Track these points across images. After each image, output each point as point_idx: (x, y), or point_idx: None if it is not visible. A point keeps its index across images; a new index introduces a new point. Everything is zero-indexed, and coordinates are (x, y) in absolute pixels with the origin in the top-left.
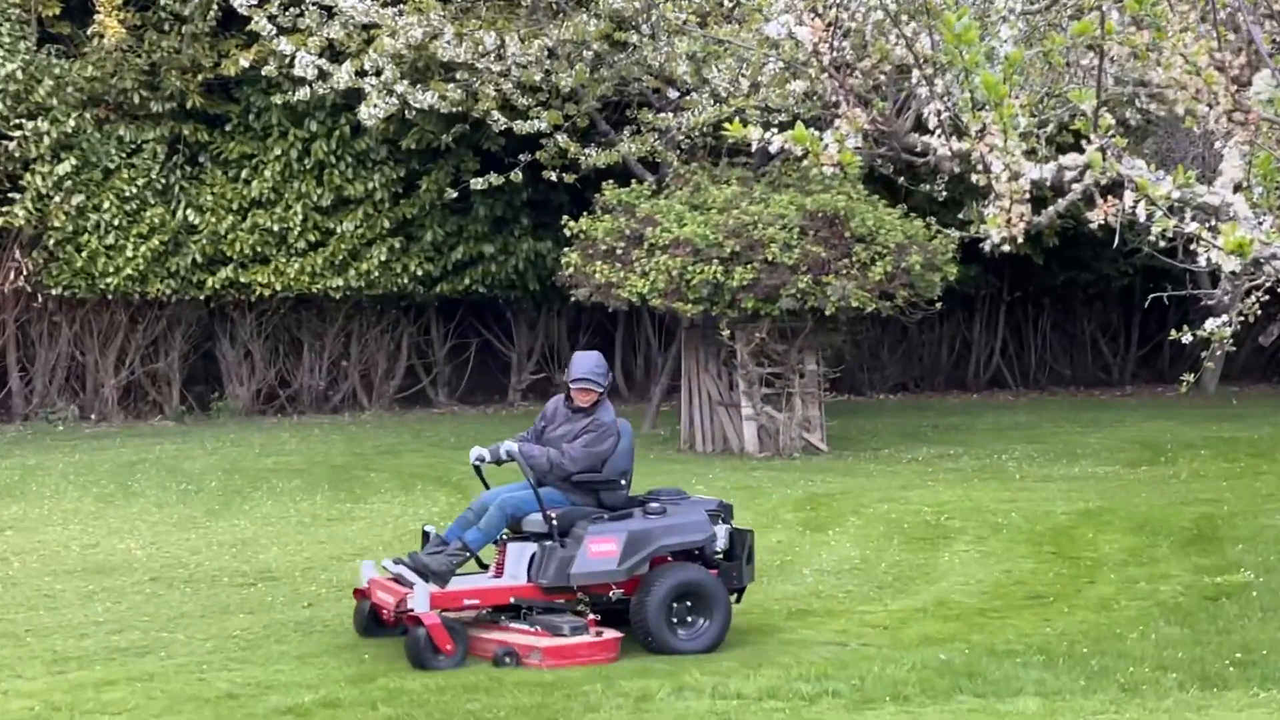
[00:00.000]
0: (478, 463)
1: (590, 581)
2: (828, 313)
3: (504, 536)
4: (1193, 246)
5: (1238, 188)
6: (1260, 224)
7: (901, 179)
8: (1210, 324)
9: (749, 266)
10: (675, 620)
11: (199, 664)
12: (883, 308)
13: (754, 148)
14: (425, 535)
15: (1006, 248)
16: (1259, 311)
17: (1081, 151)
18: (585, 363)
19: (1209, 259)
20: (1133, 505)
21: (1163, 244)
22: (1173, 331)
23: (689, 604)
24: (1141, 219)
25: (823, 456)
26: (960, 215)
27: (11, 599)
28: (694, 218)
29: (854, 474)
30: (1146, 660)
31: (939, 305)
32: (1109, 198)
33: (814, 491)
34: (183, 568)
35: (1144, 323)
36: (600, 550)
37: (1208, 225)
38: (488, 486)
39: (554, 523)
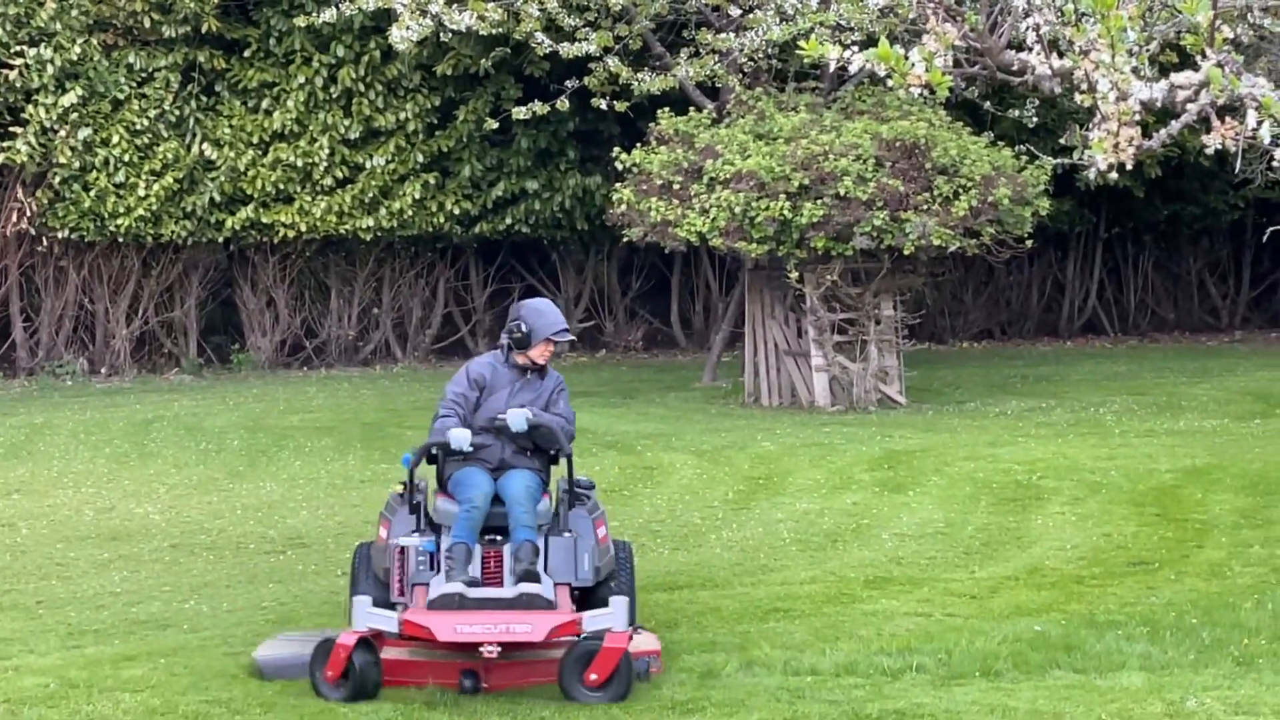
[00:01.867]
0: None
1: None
2: (906, 252)
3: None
4: None
5: None
6: None
7: (988, 104)
8: None
9: (819, 202)
10: None
11: (224, 637)
12: (967, 246)
13: (830, 70)
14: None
15: (1113, 176)
16: None
17: (1192, 70)
18: (556, 311)
19: None
20: (1245, 462)
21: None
22: None
23: None
24: (1266, 142)
25: (901, 410)
26: (1061, 140)
27: (21, 568)
28: (758, 148)
29: (935, 429)
30: (1262, 631)
31: (1029, 243)
32: (1226, 119)
33: (892, 449)
34: (205, 534)
35: (1256, 261)
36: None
37: None
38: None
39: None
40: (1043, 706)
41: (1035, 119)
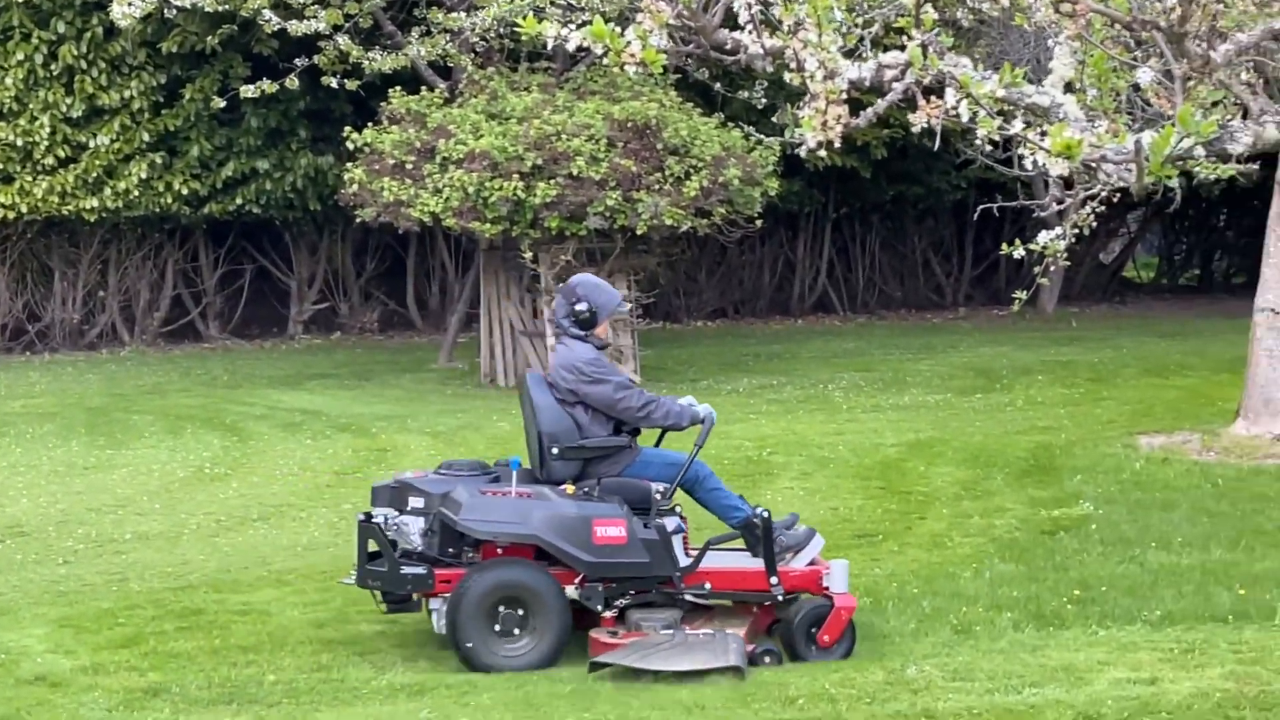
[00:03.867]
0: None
1: None
2: (639, 232)
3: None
4: (1020, 151)
5: (1069, 87)
6: (1092, 126)
7: (718, 85)
8: (1043, 237)
9: (552, 182)
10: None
11: None
12: (699, 226)
13: (550, 47)
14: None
15: (823, 154)
16: (1094, 224)
17: (899, 50)
18: (609, 285)
19: (1035, 163)
20: (966, 435)
21: (996, 153)
22: (1004, 246)
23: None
24: (965, 119)
25: None
26: (774, 119)
27: None
28: (491, 128)
29: None
30: (980, 599)
31: (759, 223)
32: (932, 99)
33: None
34: None
35: (978, 240)
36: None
37: (1038, 129)
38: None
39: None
40: (768, 678)
41: (764, 100)
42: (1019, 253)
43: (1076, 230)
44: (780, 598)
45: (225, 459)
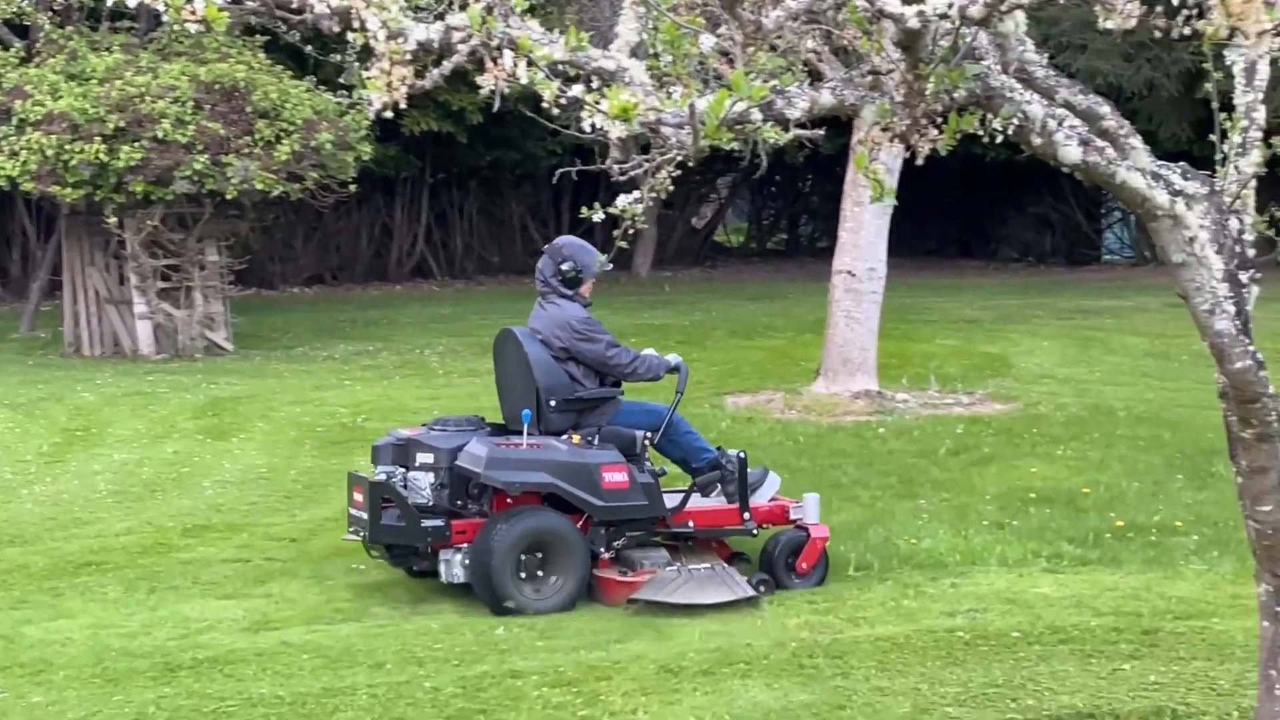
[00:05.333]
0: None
1: None
2: (229, 197)
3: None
4: (581, 114)
5: (635, 52)
6: (667, 91)
7: (310, 47)
8: (621, 200)
9: (137, 145)
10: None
11: None
12: (291, 191)
13: (134, 5)
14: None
15: (389, 115)
16: (671, 188)
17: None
18: (590, 245)
19: (593, 126)
20: None
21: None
22: (584, 210)
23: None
24: (523, 83)
25: (228, 357)
26: (341, 79)
27: None
28: (71, 89)
29: (263, 375)
30: None
31: (354, 188)
32: (499, 62)
33: (217, 396)
34: None
35: (575, 205)
36: None
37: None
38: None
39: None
40: (357, 644)
41: (357, 63)
42: (598, 216)
43: (655, 194)
44: (754, 532)
45: None
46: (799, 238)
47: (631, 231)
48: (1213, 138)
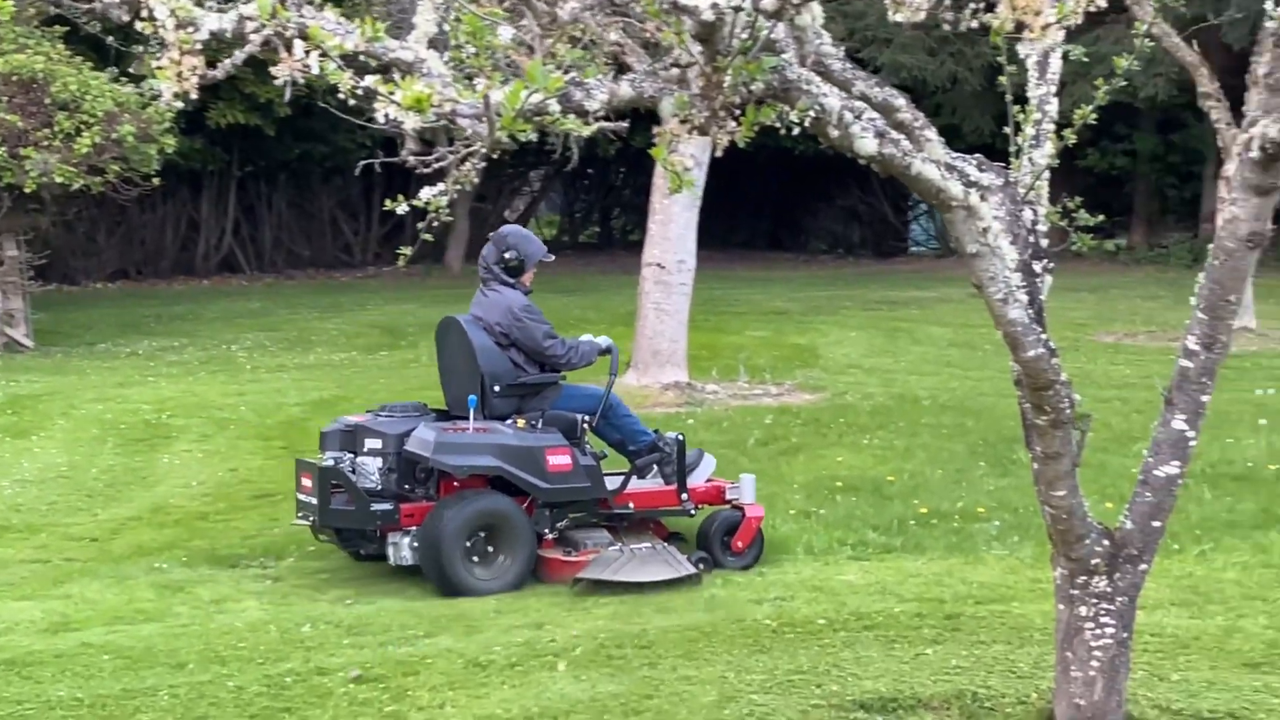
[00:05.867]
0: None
1: None
2: (28, 190)
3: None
4: (374, 104)
5: (436, 43)
6: (471, 83)
7: (111, 39)
8: (425, 193)
9: None
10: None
11: None
12: (92, 184)
13: None
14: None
15: (180, 104)
16: (476, 180)
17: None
18: (534, 235)
19: (387, 117)
20: (370, 393)
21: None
22: (387, 202)
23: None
24: (315, 73)
25: (27, 354)
26: (131, 69)
27: None
28: None
29: (64, 372)
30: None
31: (157, 181)
32: (292, 53)
33: (16, 393)
34: None
35: (386, 198)
36: None
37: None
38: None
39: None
40: (159, 645)
41: (145, 53)
42: (402, 209)
43: (460, 186)
44: (691, 512)
45: None
46: (611, 230)
47: (436, 224)
48: (1006, 130)
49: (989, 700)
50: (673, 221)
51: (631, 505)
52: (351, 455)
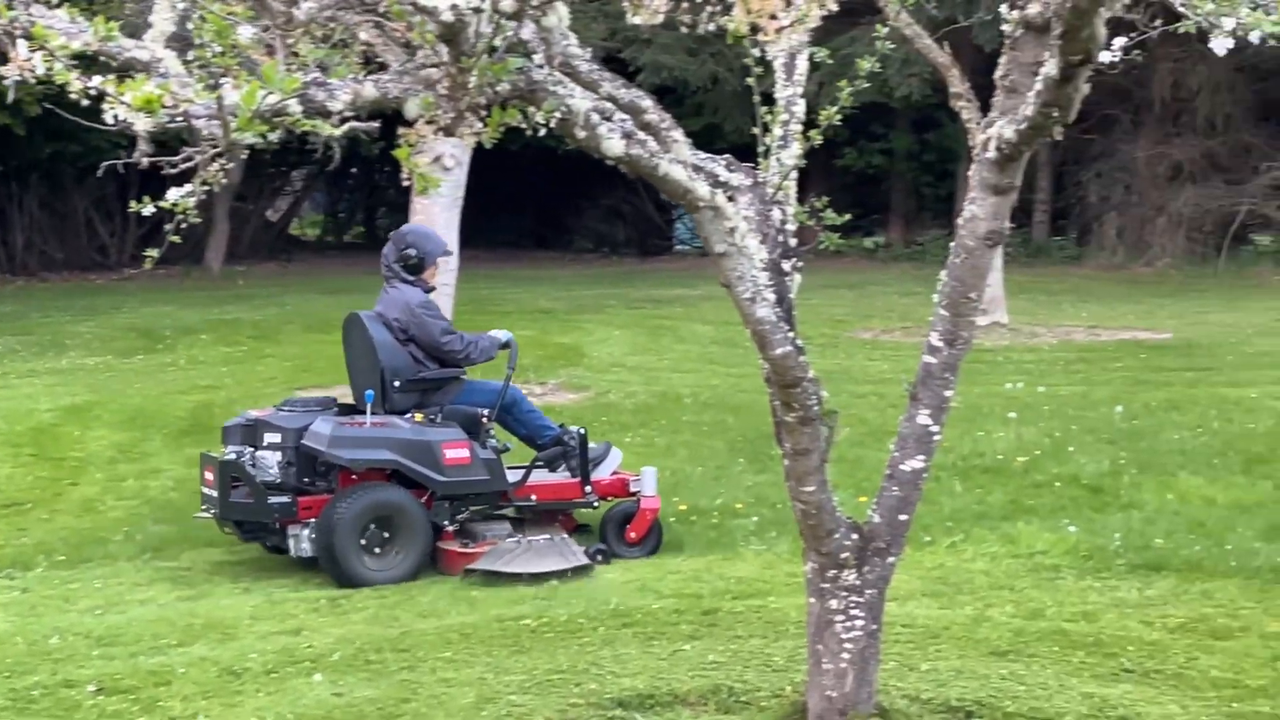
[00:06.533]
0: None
1: None
2: None
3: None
4: (104, 105)
5: (175, 42)
6: (188, 82)
7: None
8: (173, 194)
9: None
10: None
11: None
12: None
13: None
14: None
15: None
16: (224, 180)
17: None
18: (435, 232)
19: (116, 118)
20: (125, 398)
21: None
22: (133, 204)
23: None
24: (40, 73)
25: None
26: None
27: None
28: None
29: None
30: (134, 562)
31: None
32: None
33: None
34: None
35: (140, 199)
36: None
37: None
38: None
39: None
40: None
41: None
42: (148, 210)
43: (208, 187)
44: (595, 504)
45: None
46: (377, 230)
47: (184, 225)
48: (755, 130)
49: (745, 694)
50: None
51: (534, 498)
52: (252, 449)
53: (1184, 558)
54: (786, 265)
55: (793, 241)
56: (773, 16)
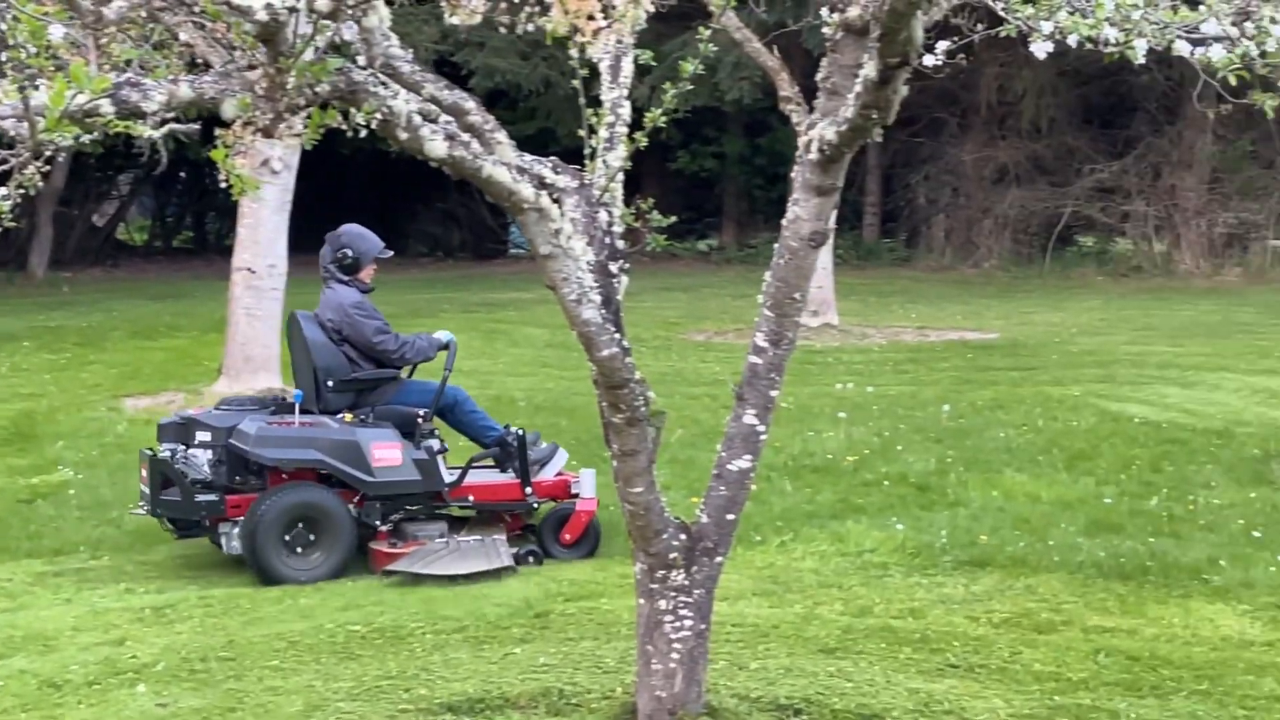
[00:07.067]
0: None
1: None
2: None
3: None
4: None
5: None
6: (33, 84)
7: None
8: None
9: None
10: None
11: None
12: None
13: None
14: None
15: None
16: (40, 184)
17: None
18: (371, 233)
19: None
20: None
21: None
22: None
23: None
24: None
25: None
26: None
27: None
28: None
29: None
30: None
31: None
32: None
33: None
34: None
35: None
36: None
37: None
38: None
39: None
40: None
41: None
42: None
43: (22, 190)
44: (535, 506)
45: None
46: (206, 235)
47: (3, 230)
48: (582, 133)
49: (575, 696)
50: (262, 225)
51: (472, 498)
52: (184, 447)
53: (1008, 554)
54: (613, 267)
55: (620, 243)
56: (590, 18)
